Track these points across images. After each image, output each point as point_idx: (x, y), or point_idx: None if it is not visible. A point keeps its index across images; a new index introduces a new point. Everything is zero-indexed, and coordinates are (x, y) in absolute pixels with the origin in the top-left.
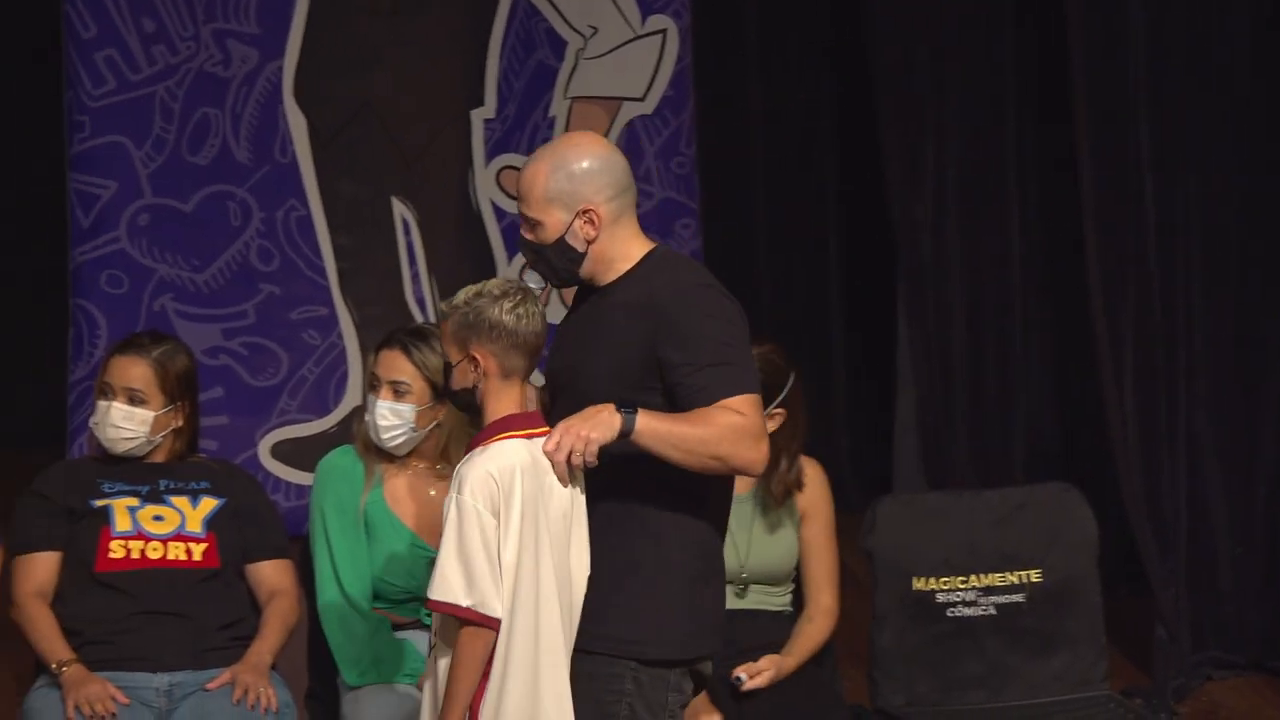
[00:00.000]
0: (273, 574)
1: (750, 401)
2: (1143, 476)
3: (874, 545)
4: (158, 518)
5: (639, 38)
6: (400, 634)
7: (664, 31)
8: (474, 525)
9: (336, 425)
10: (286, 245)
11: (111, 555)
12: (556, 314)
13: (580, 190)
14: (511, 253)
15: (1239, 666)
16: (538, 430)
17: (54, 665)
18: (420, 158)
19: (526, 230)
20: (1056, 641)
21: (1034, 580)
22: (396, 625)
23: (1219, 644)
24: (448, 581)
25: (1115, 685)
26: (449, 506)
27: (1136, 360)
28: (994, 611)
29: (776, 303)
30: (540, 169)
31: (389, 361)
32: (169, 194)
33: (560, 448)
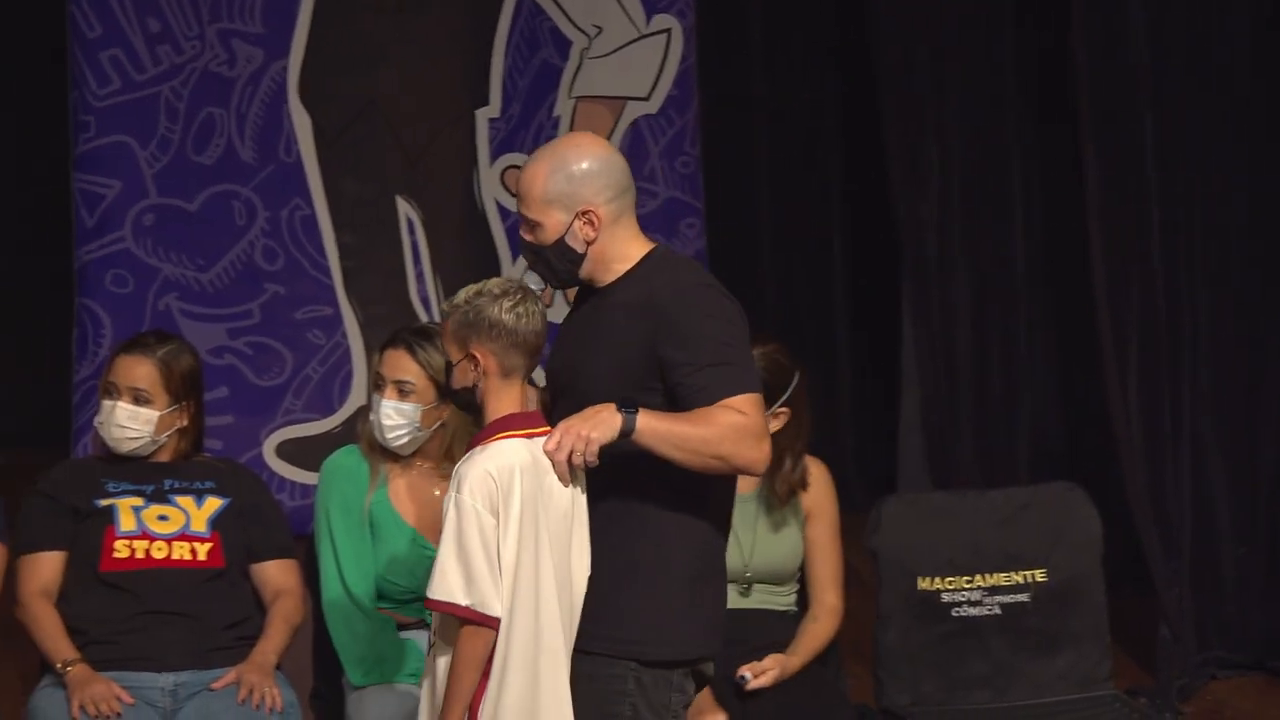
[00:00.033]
0: (277, 574)
1: (751, 401)
2: (1147, 476)
3: (879, 545)
4: (162, 517)
5: (643, 37)
6: (405, 634)
7: (668, 31)
8: (473, 524)
9: (341, 425)
10: (291, 244)
11: (116, 555)
12: (561, 313)
13: (580, 191)
14: (516, 252)
15: (1243, 666)
16: (538, 430)
17: (59, 665)
18: (425, 157)
19: (526, 231)
20: (1061, 641)
21: (1038, 580)
22: (401, 625)
23: (1223, 643)
24: (447, 581)
25: (1119, 685)
26: (448, 505)
27: (1140, 360)
28: (999, 611)
29: (781, 302)
30: (540, 170)
31: (394, 361)
32: (174, 193)
33: (561, 447)
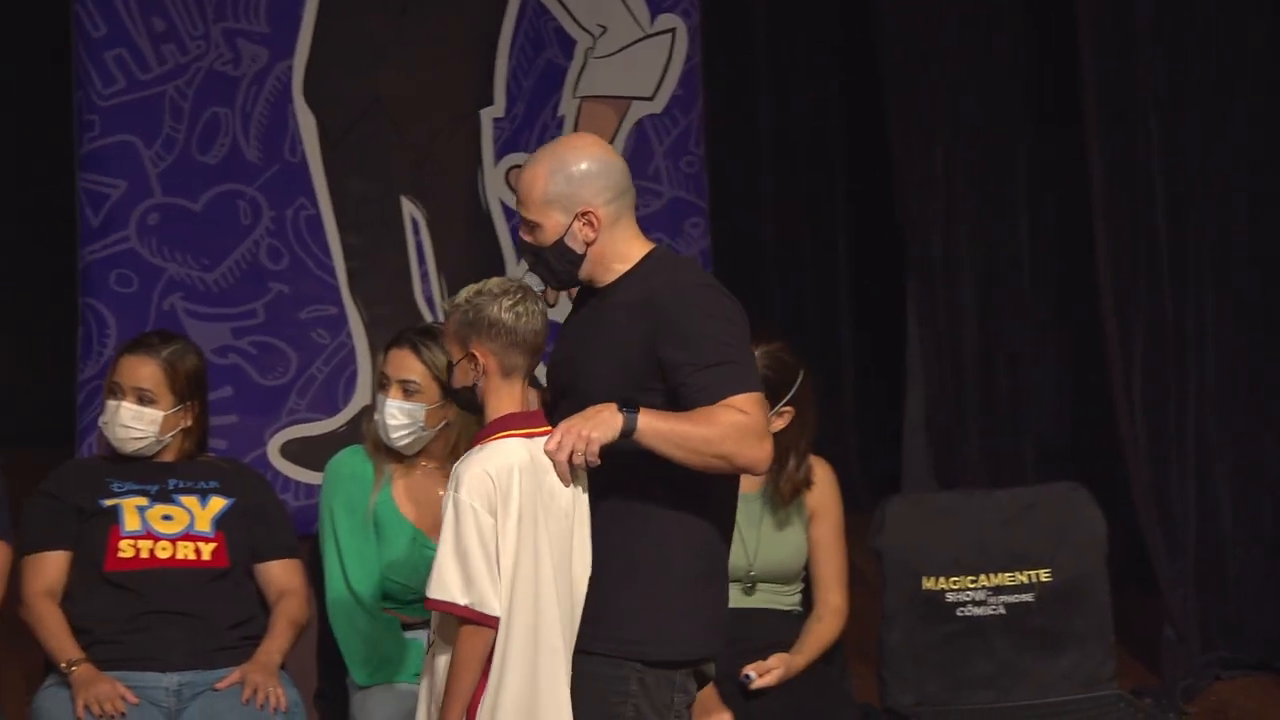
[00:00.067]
0: (282, 573)
1: (753, 400)
2: (1152, 476)
3: (883, 544)
4: (167, 517)
5: (648, 37)
6: (409, 634)
7: (673, 30)
8: (470, 524)
9: (346, 425)
10: (296, 244)
11: (121, 555)
12: (565, 312)
13: (579, 193)
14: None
15: (1247, 666)
16: (538, 429)
17: (63, 664)
18: (429, 157)
19: (525, 232)
20: (1066, 641)
21: (1043, 580)
22: (405, 625)
23: (1227, 644)
24: (445, 580)
25: (1124, 685)
26: (446, 505)
27: (1146, 360)
28: (1003, 611)
29: (785, 302)
30: (539, 172)
31: (398, 361)
32: (178, 193)
33: (561, 447)
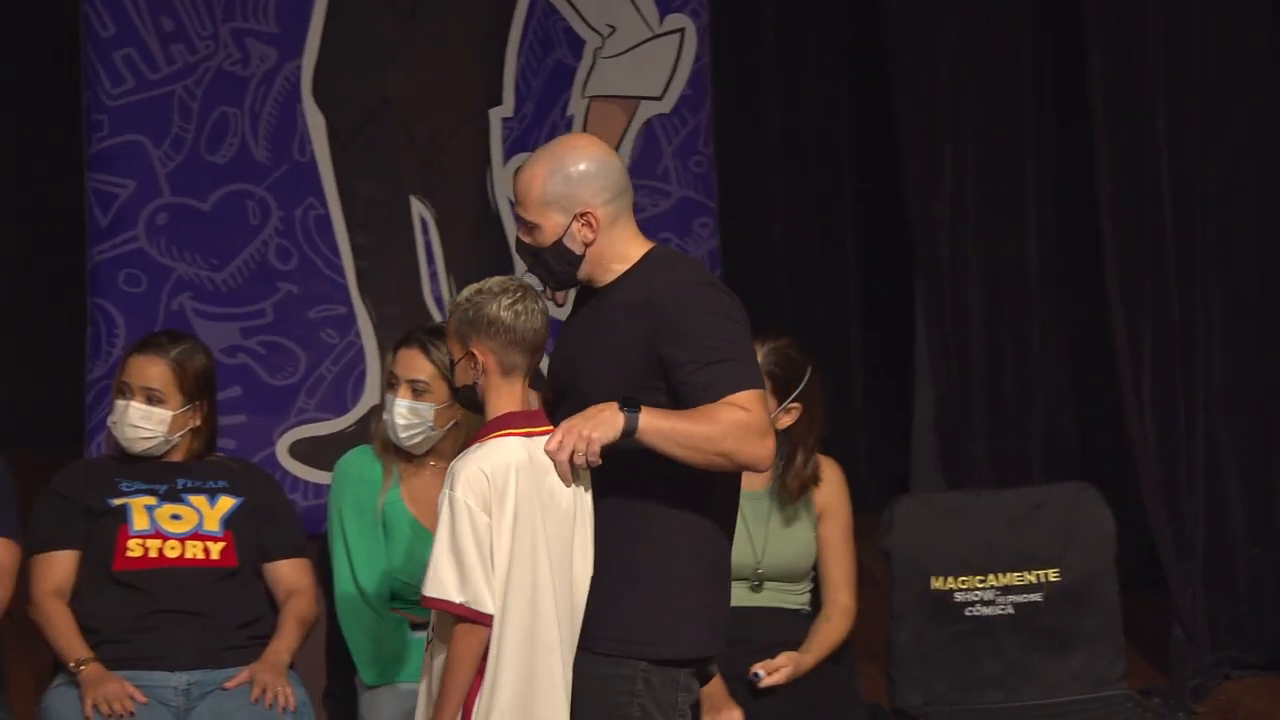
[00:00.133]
0: (290, 573)
1: (754, 397)
2: (1160, 476)
3: (892, 544)
4: (175, 516)
5: (657, 37)
6: (417, 633)
7: (682, 30)
8: (465, 522)
9: (354, 424)
10: (305, 244)
11: (129, 554)
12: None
13: (577, 193)
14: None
15: (1256, 666)
16: (538, 429)
17: (72, 664)
18: (438, 157)
19: (524, 233)
20: (1074, 641)
21: (1052, 580)
22: (413, 624)
23: (1236, 643)
24: (441, 578)
25: (1133, 685)
26: (441, 502)
27: (1154, 360)
28: (1012, 611)
29: (794, 302)
30: (537, 172)
31: (407, 360)
32: (187, 193)
33: (562, 447)
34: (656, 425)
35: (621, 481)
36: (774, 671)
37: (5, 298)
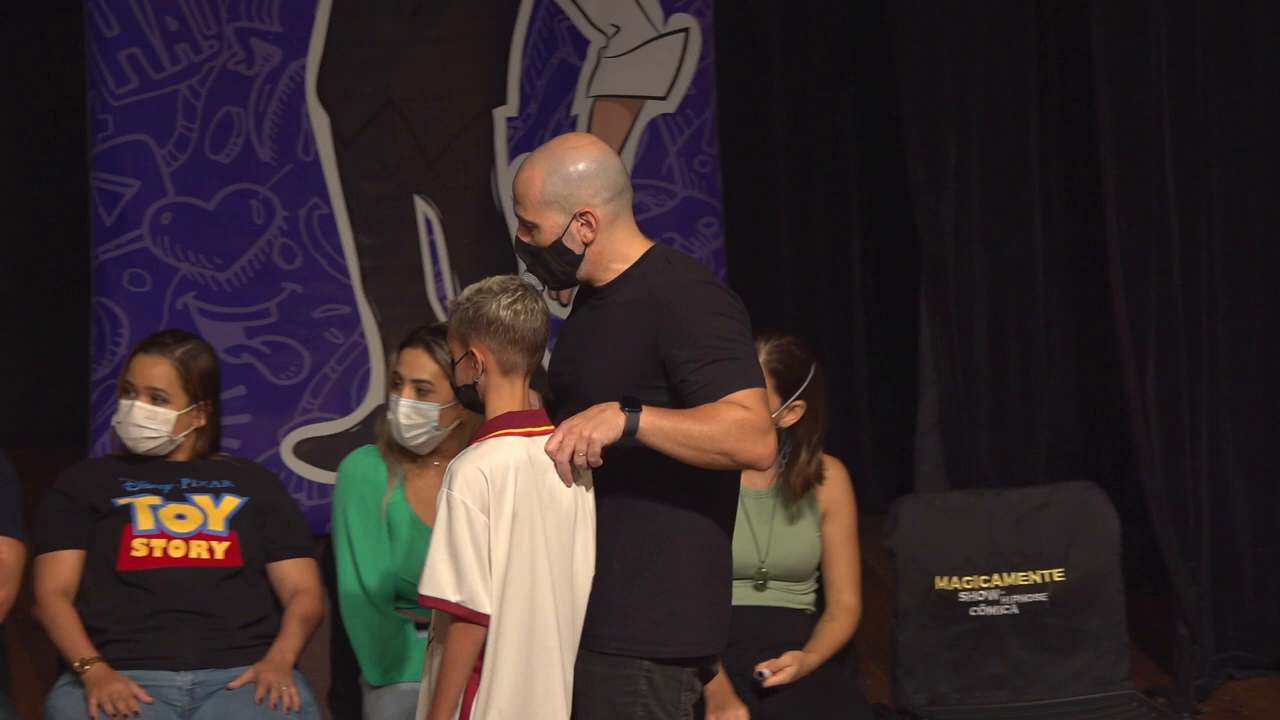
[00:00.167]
0: (295, 573)
1: (755, 395)
2: (1165, 475)
3: (896, 544)
4: (180, 516)
5: (661, 36)
6: (422, 634)
7: (686, 30)
8: (463, 521)
9: (359, 424)
10: (309, 244)
11: (134, 553)
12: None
13: (577, 193)
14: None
15: (1261, 666)
16: (539, 428)
17: (76, 663)
18: (443, 156)
19: (523, 233)
20: (1079, 640)
21: (1056, 579)
22: (418, 625)
23: (1241, 643)
24: (437, 577)
25: (1137, 684)
26: (439, 502)
27: (1159, 359)
28: (1016, 610)
29: (798, 302)
30: (536, 172)
31: (412, 360)
32: (192, 192)
33: (563, 447)
34: (657, 425)
35: (623, 481)
36: (779, 671)
37: (10, 297)
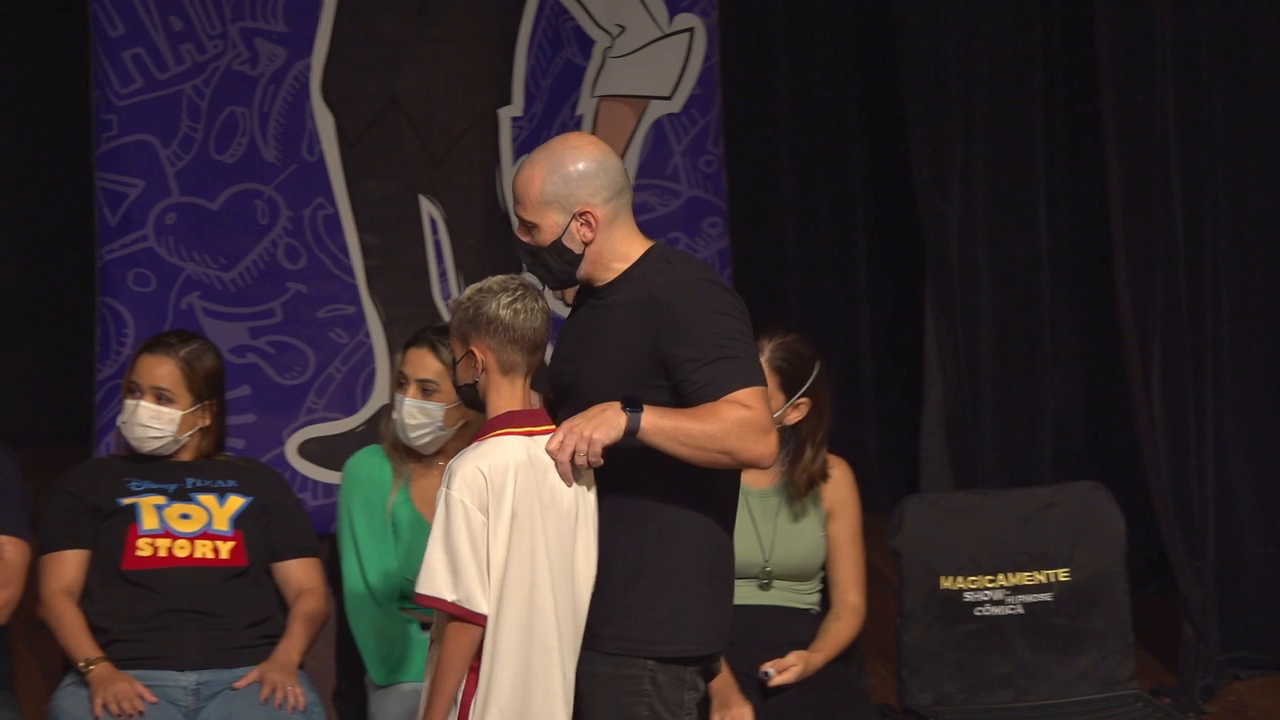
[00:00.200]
0: (300, 572)
1: (756, 394)
2: (1170, 475)
3: (901, 544)
4: (185, 516)
5: (666, 36)
6: (427, 633)
7: (691, 30)
8: (461, 521)
9: (364, 424)
10: (314, 244)
11: (139, 553)
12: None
13: (576, 193)
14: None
15: (1267, 666)
16: (539, 428)
17: (81, 663)
18: (448, 156)
19: (523, 233)
20: (1084, 640)
21: (1061, 579)
22: (423, 624)
23: (1246, 644)
24: (434, 576)
25: (1142, 684)
26: (438, 501)
27: (1164, 359)
28: (1021, 610)
29: (804, 303)
30: (536, 172)
31: (417, 360)
32: (196, 192)
33: (563, 447)
34: (659, 424)
35: (624, 480)
36: (783, 670)
37: (15, 297)
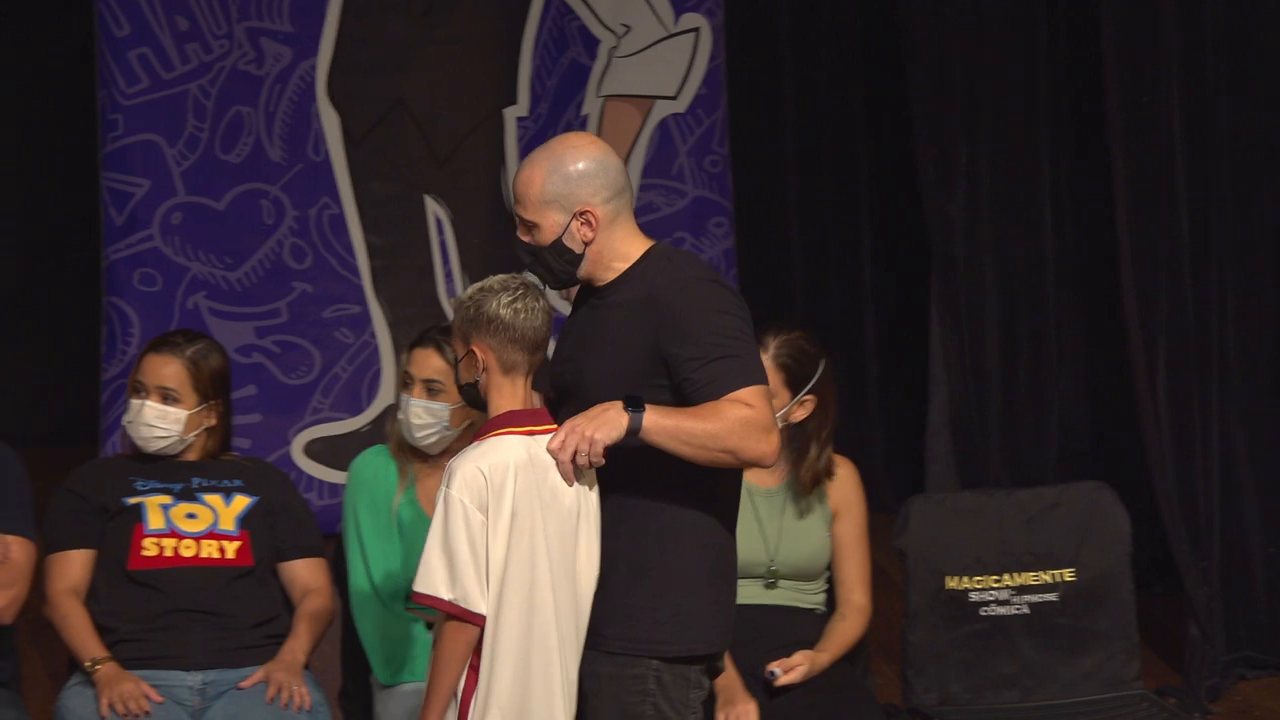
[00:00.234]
0: (306, 572)
1: (758, 393)
2: (1176, 475)
3: (907, 544)
4: (191, 515)
5: (672, 36)
6: (432, 634)
7: (697, 30)
8: (459, 520)
9: (369, 424)
10: (319, 243)
11: (144, 553)
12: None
13: (577, 192)
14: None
15: (1272, 666)
16: (540, 428)
17: (87, 663)
18: (453, 156)
19: (523, 233)
20: (1089, 640)
21: (1067, 579)
22: (428, 624)
23: (1252, 643)
24: (431, 574)
25: (1148, 684)
26: (437, 500)
27: (1169, 359)
28: (1027, 610)
29: (809, 303)
30: (536, 172)
31: (422, 360)
32: (202, 192)
33: (565, 447)
34: (661, 424)
35: (626, 480)
36: (789, 670)
37: (21, 297)
